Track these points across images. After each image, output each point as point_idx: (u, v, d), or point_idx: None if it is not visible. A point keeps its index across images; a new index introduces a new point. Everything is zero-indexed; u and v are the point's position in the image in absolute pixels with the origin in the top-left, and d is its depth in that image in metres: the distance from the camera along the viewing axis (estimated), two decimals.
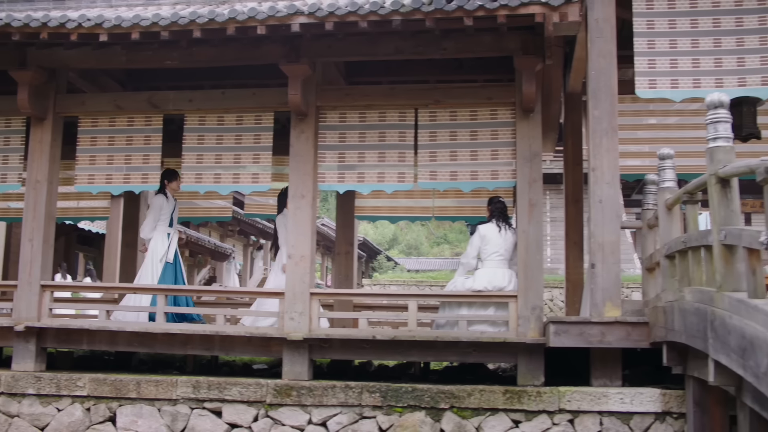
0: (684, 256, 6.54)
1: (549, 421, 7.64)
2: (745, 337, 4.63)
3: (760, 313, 4.44)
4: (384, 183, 9.39)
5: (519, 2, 7.97)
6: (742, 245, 4.84)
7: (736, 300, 4.89)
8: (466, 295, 9.03)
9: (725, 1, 8.54)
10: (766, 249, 4.36)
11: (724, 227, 5.23)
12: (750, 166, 4.76)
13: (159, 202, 10.59)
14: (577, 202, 11.28)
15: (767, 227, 4.45)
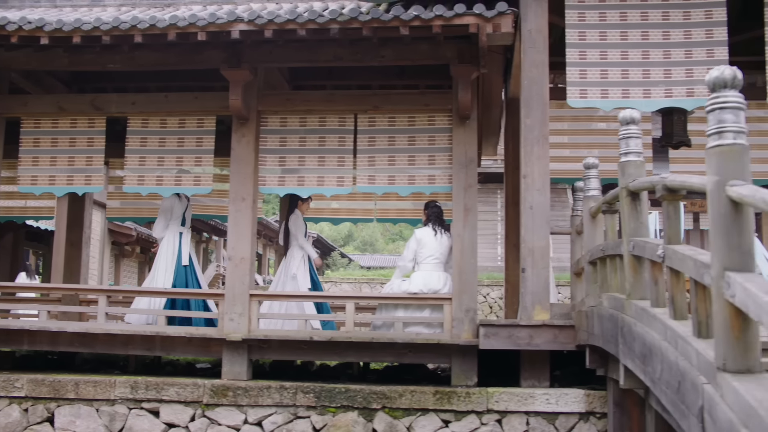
0: (603, 263, 6.80)
1: (477, 421, 7.87)
2: (646, 344, 4.88)
3: (657, 321, 4.69)
4: (323, 187, 9.56)
5: (453, 13, 8.19)
6: (646, 256, 5.10)
7: (641, 308, 5.14)
8: (403, 298, 9.24)
9: (653, 14, 8.82)
10: (662, 262, 4.61)
11: (633, 238, 5.48)
12: (653, 182, 5.01)
13: (170, 202, 10.61)
14: (517, 205, 11.38)
15: (665, 241, 4.68)
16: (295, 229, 10.69)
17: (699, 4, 8.83)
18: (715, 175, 3.63)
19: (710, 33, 8.77)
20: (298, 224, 10.71)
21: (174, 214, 10.61)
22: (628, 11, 8.84)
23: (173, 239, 10.53)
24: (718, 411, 3.52)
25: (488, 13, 8.16)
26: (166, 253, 10.42)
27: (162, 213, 10.73)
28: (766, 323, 3.09)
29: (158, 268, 10.44)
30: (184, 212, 10.72)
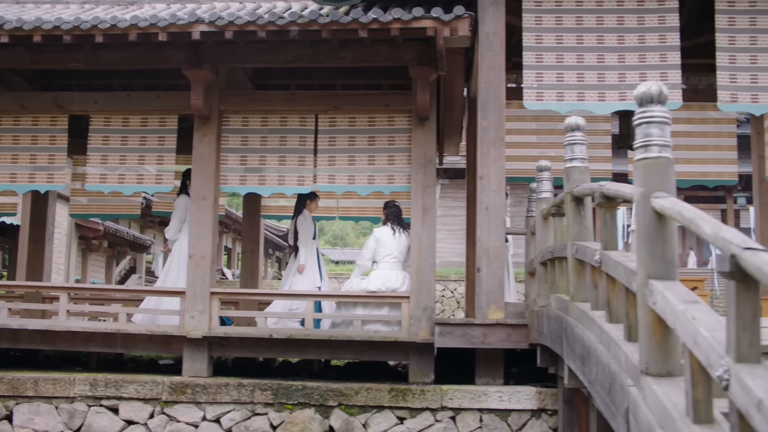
0: (552, 264, 6.96)
1: (432, 418, 8.02)
2: (585, 346, 5.05)
3: (595, 324, 4.85)
4: (284, 186, 9.67)
5: (411, 16, 8.31)
6: (587, 260, 5.26)
7: (581, 311, 5.31)
8: (361, 296, 9.37)
9: (608, 19, 8.99)
10: (599, 266, 4.77)
11: (576, 242, 5.64)
12: (592, 188, 5.17)
13: (183, 202, 10.61)
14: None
15: (602, 247, 4.84)
16: (302, 230, 10.71)
17: (653, 10, 9.01)
18: (641, 186, 3.79)
19: (663, 38, 8.96)
20: (305, 225, 10.73)
21: (188, 215, 10.66)
22: (584, 15, 9.00)
23: (187, 240, 10.58)
24: (640, 412, 3.68)
25: (446, 16, 8.28)
26: (181, 253, 10.44)
27: (176, 214, 10.73)
28: (679, 331, 3.24)
29: (171, 269, 10.45)
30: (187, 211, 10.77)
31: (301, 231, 10.74)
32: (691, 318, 3.12)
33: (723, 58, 8.90)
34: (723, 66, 8.89)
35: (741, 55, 8.91)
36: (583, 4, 9.01)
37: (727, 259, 2.73)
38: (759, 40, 8.93)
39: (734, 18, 8.97)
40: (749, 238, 2.75)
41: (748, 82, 8.86)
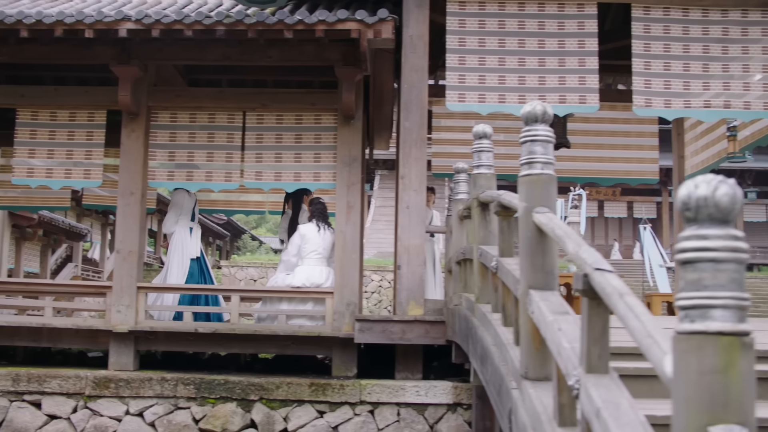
0: (465, 265, 7.20)
1: (351, 411, 8.23)
2: (484, 347, 5.29)
3: (492, 326, 5.09)
4: (212, 182, 9.80)
5: (336, 18, 8.47)
6: (488, 265, 5.49)
7: (483, 312, 5.55)
8: (286, 291, 9.53)
9: (530, 23, 9.24)
10: (495, 272, 5.00)
11: (481, 246, 5.88)
12: (493, 196, 5.40)
13: (180, 197, 10.65)
14: None
15: (498, 253, 5.07)
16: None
17: (572, 16, 9.28)
18: (524, 201, 4.02)
19: (582, 43, 9.24)
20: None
21: (184, 209, 10.71)
22: (506, 19, 9.24)
23: (184, 234, 10.65)
24: (519, 414, 3.92)
25: (370, 19, 8.45)
26: (180, 248, 10.52)
27: (172, 208, 10.83)
28: (548, 340, 3.48)
29: (172, 263, 10.54)
30: (194, 207, 10.83)
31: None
32: (557, 329, 3.35)
33: (638, 64, 9.21)
34: (638, 72, 9.19)
35: (655, 62, 9.22)
36: (505, 8, 9.24)
37: (580, 278, 2.96)
38: (672, 47, 9.25)
39: (649, 26, 9.28)
40: (602, 258, 2.98)
41: (662, 88, 9.18)
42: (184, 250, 10.56)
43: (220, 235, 41.67)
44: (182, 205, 10.68)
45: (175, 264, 10.52)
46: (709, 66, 9.25)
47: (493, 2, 9.24)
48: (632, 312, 2.51)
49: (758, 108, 9.25)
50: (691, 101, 9.19)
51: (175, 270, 10.46)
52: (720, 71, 9.23)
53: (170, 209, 10.93)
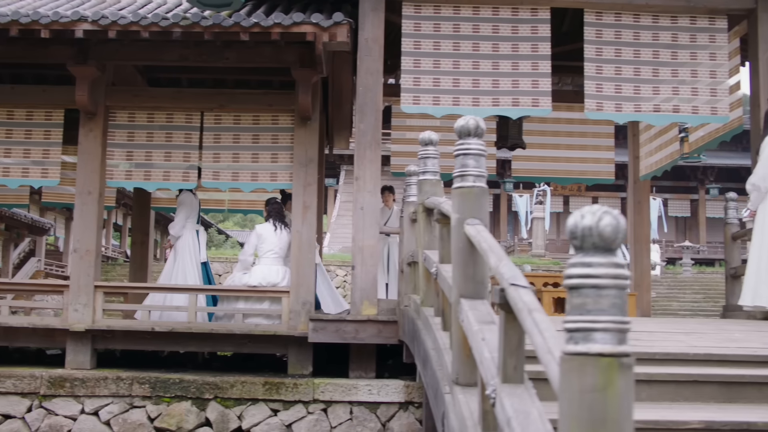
0: (414, 267, 7.34)
1: (305, 410, 8.36)
2: (425, 350, 5.43)
3: (432, 330, 5.24)
4: (169, 181, 9.87)
5: (291, 21, 8.57)
6: (430, 270, 5.63)
7: (426, 316, 5.69)
8: (243, 290, 9.63)
9: (484, 27, 9.38)
10: (436, 278, 5.14)
11: (426, 251, 6.02)
12: (435, 203, 5.54)
13: (188, 199, 10.71)
14: None
15: (438, 260, 5.21)
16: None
17: (526, 20, 9.43)
18: (456, 212, 4.16)
19: (536, 47, 9.40)
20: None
21: (192, 210, 10.76)
22: (461, 23, 9.38)
23: (192, 237, 10.69)
24: (450, 418, 4.06)
25: (325, 22, 8.56)
26: (190, 250, 10.57)
27: (181, 210, 10.94)
28: (473, 348, 3.62)
29: (183, 266, 10.64)
30: (199, 210, 10.87)
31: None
32: (481, 338, 3.49)
33: (590, 69, 9.39)
34: (590, 76, 9.37)
35: (607, 66, 9.41)
36: (460, 12, 9.38)
37: (497, 292, 3.11)
38: (623, 52, 9.43)
39: (601, 30, 9.46)
40: (520, 274, 3.12)
41: (613, 92, 9.37)
42: (194, 254, 10.65)
43: None
44: (190, 207, 10.76)
45: (187, 267, 10.60)
46: (659, 71, 9.45)
47: (448, 6, 9.37)
48: (537, 328, 2.65)
49: (706, 113, 9.46)
50: (641, 105, 9.38)
51: (190, 273, 10.56)
52: (669, 76, 9.44)
53: (178, 212, 11.05)
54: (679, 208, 45.33)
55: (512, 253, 39.90)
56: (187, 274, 10.59)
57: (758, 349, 5.45)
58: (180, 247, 10.77)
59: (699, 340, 5.78)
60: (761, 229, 8.00)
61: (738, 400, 4.77)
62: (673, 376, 4.82)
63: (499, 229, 44.33)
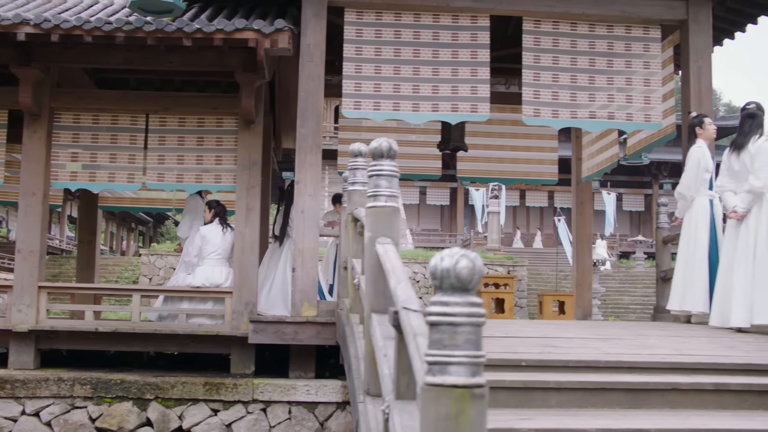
0: (347, 271, 7.52)
1: (244, 410, 8.54)
2: (349, 357, 5.63)
3: (354, 339, 5.44)
4: (114, 183, 9.96)
5: (234, 28, 8.70)
6: (354, 279, 5.83)
7: (352, 323, 5.89)
8: (186, 291, 9.77)
9: (425, 34, 9.58)
10: (357, 287, 5.34)
11: (354, 259, 6.21)
12: (359, 215, 5.73)
13: (194, 201, 10.76)
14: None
15: (361, 270, 5.40)
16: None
17: (466, 27, 9.64)
18: (369, 231, 4.35)
19: (475, 54, 9.61)
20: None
21: (198, 213, 10.82)
22: (402, 30, 9.56)
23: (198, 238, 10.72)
24: (360, 427, 4.27)
25: (267, 29, 8.70)
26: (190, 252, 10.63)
27: (187, 213, 11.06)
28: (378, 364, 3.82)
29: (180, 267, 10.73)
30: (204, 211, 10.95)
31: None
32: (383, 354, 3.70)
33: (528, 75, 9.62)
34: (528, 82, 9.60)
35: (544, 73, 9.65)
36: (401, 18, 9.56)
37: (392, 314, 3.31)
38: (560, 59, 9.68)
39: (539, 38, 9.70)
40: (414, 297, 3.32)
41: (550, 99, 9.62)
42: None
43: (142, 221, 41.43)
44: (197, 210, 10.88)
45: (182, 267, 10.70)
46: (595, 78, 9.72)
47: (389, 12, 9.55)
48: (418, 353, 2.85)
49: (639, 120, 9.75)
50: (577, 112, 9.64)
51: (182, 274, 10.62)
52: (605, 84, 9.71)
53: (185, 214, 11.23)
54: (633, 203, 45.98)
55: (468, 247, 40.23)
56: (179, 275, 10.68)
57: (666, 356, 5.71)
58: (189, 248, 10.87)
59: (614, 346, 6.02)
60: (687, 237, 8.30)
61: (642, 406, 5.02)
62: (583, 384, 5.06)
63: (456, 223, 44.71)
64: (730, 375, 5.39)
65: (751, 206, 7.23)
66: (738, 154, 7.50)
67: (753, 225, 7.19)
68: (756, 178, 7.15)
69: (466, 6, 9.59)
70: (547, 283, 29.66)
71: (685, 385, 5.10)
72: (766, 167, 7.16)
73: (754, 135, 7.45)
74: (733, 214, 7.37)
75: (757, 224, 7.17)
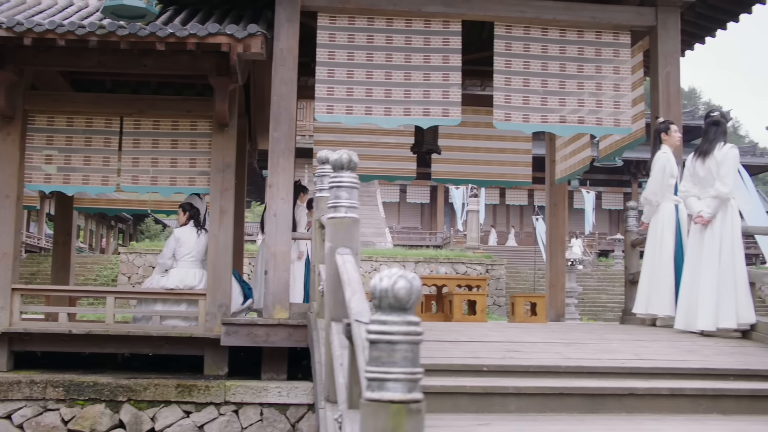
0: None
1: (216, 411, 8.62)
2: (314, 362, 5.73)
3: (320, 345, 5.52)
4: (88, 185, 10.00)
5: (207, 32, 8.76)
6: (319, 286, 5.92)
7: (318, 329, 5.98)
8: (160, 293, 9.84)
9: (397, 39, 9.68)
10: (322, 294, 5.43)
11: (319, 265, 6.29)
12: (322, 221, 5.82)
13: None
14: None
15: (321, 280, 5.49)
16: (298, 218, 11.22)
17: (438, 32, 9.74)
18: (329, 241, 4.45)
19: (447, 58, 9.71)
20: (300, 214, 11.30)
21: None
22: (374, 34, 9.65)
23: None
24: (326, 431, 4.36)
25: (239, 33, 8.77)
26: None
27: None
28: (335, 371, 3.92)
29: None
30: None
31: (297, 220, 11.28)
32: (339, 364, 3.79)
33: (499, 80, 9.73)
34: (499, 87, 9.71)
35: (515, 78, 9.76)
36: (374, 23, 9.65)
37: (344, 326, 3.40)
38: (531, 64, 9.80)
39: (511, 43, 9.81)
40: (366, 309, 3.41)
41: (521, 103, 9.73)
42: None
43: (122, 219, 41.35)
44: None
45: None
46: (565, 83, 9.84)
47: (362, 17, 9.63)
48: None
49: (609, 124, 9.88)
50: (548, 116, 9.76)
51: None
52: (575, 88, 9.83)
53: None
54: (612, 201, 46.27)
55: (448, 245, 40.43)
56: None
57: (626, 360, 5.84)
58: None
59: (576, 351, 6.15)
60: (654, 241, 8.45)
61: (600, 411, 5.14)
62: (542, 389, 5.18)
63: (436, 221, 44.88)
64: (687, 379, 5.53)
65: (717, 212, 7.38)
66: (703, 161, 7.64)
67: (718, 230, 7.35)
68: (723, 184, 7.31)
69: (438, 11, 9.68)
70: (525, 282, 29.86)
71: (641, 390, 5.23)
72: (731, 174, 7.32)
73: (719, 142, 7.61)
74: (699, 219, 7.52)
75: (722, 229, 7.32)
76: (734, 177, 7.41)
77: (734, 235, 7.27)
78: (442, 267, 29.47)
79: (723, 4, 10.59)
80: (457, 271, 29.42)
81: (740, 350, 6.51)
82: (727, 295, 7.09)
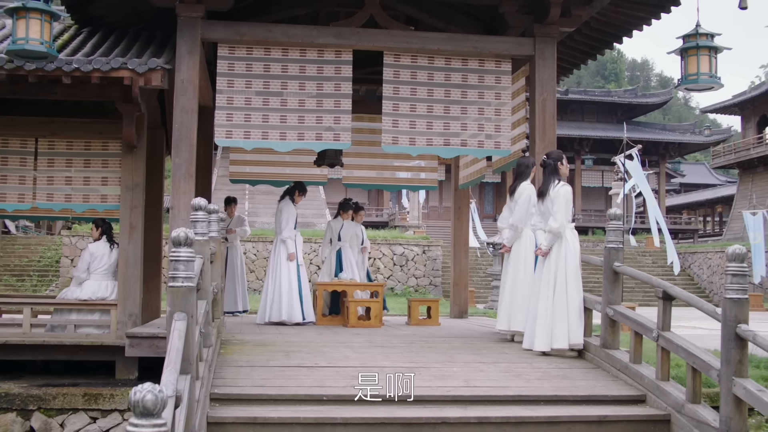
0: None
1: (120, 417, 9.41)
2: None
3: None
4: (5, 203, 10.66)
5: (110, 67, 9.45)
6: None
7: None
8: (75, 303, 10.59)
9: (292, 68, 10.42)
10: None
11: None
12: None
13: (286, 205, 11.52)
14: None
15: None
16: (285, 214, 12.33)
17: (330, 61, 10.49)
18: (169, 306, 5.26)
19: (339, 86, 10.48)
20: (288, 210, 12.27)
21: (290, 214, 11.59)
22: (271, 64, 10.39)
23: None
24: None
25: (140, 68, 9.47)
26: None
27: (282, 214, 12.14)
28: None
29: None
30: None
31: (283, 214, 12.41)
32: None
33: (387, 106, 10.53)
34: (387, 112, 10.51)
35: (403, 104, 10.56)
36: (270, 53, 10.39)
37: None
38: (418, 91, 10.60)
39: (399, 71, 10.60)
40: (172, 383, 4.24)
41: (408, 127, 10.54)
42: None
43: None
44: (288, 211, 11.70)
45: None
46: (449, 108, 10.65)
47: (259, 47, 10.36)
48: None
49: (490, 147, 10.74)
50: (433, 139, 10.58)
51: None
52: (459, 113, 10.65)
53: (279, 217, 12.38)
54: None
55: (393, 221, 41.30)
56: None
57: (452, 388, 6.73)
58: None
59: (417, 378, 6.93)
60: (516, 263, 9.35)
61: None
62: (366, 419, 6.07)
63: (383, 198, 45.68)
64: (498, 406, 6.44)
65: (552, 244, 8.31)
66: (542, 200, 8.56)
67: (554, 261, 8.27)
68: (554, 220, 8.25)
69: (330, 42, 10.43)
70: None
71: (453, 419, 6.13)
72: (561, 211, 8.25)
73: (552, 182, 8.52)
74: (538, 251, 8.45)
75: (557, 261, 8.25)
76: (565, 213, 8.33)
77: (568, 266, 8.20)
78: (382, 247, 30.38)
79: (607, 28, 11.44)
80: (395, 252, 30.34)
81: (565, 372, 7.43)
82: (561, 320, 8.03)
